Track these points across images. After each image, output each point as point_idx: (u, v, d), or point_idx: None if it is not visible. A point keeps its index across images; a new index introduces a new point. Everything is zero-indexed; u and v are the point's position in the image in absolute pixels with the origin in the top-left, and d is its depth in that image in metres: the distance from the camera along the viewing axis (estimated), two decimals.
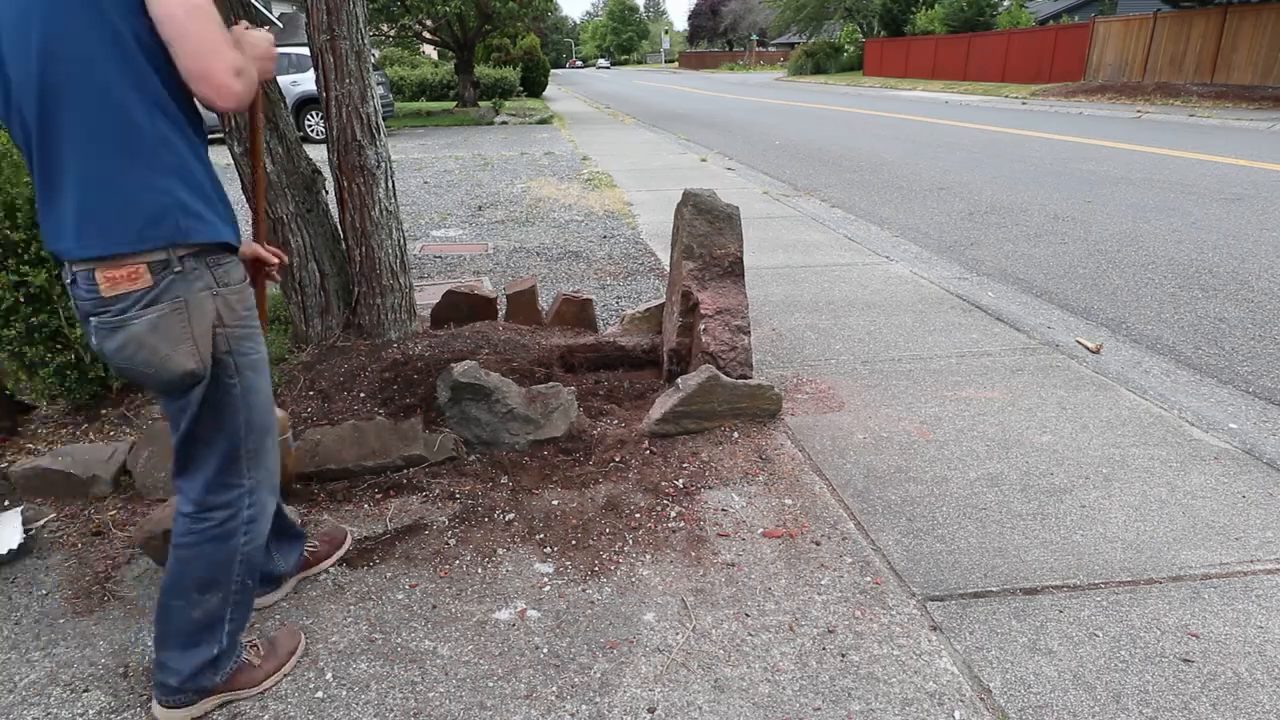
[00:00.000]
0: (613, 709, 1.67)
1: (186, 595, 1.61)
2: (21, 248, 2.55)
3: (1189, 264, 5.11)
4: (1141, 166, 9.00)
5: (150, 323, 1.42)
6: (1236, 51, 17.67)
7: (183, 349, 1.46)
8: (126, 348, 1.43)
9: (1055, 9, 32.96)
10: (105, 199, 1.38)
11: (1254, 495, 2.42)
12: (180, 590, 1.61)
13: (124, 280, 1.40)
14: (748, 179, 8.96)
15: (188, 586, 1.60)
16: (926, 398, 3.14)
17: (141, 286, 1.40)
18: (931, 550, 2.18)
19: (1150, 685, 1.71)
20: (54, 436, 2.76)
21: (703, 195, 3.04)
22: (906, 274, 4.93)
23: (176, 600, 1.61)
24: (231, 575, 1.64)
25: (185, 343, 1.46)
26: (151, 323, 1.42)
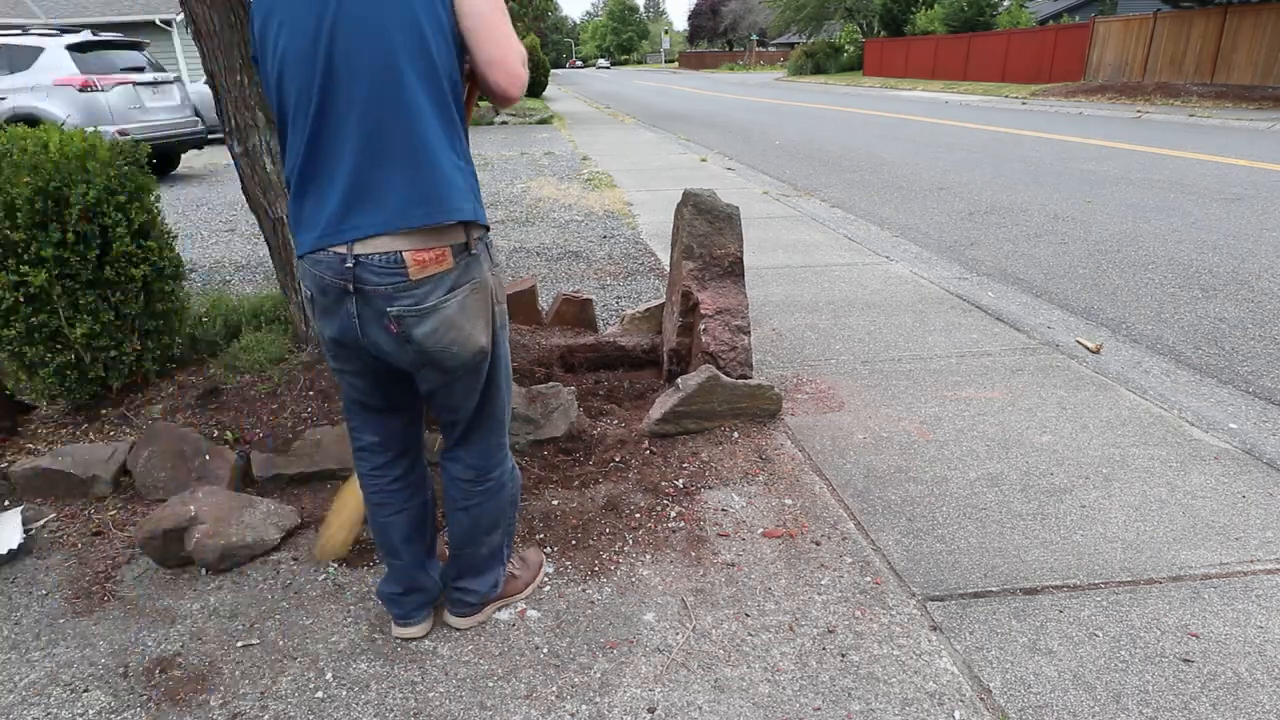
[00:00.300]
0: (613, 709, 1.67)
1: (477, 540, 1.81)
2: (21, 248, 2.55)
3: (1189, 264, 5.10)
4: (1141, 166, 9.00)
5: (459, 304, 1.49)
6: (1236, 51, 17.66)
7: (479, 327, 1.54)
8: (438, 330, 1.47)
9: (1055, 9, 32.96)
10: (430, 179, 1.42)
11: (1254, 495, 2.42)
12: (471, 539, 1.81)
13: (432, 263, 1.43)
14: (748, 179, 8.95)
15: (478, 534, 1.81)
16: (926, 398, 3.14)
17: (445, 269, 1.45)
18: (931, 550, 2.18)
19: (1150, 685, 1.71)
20: (54, 436, 2.76)
21: (703, 195, 3.04)
22: (906, 274, 4.93)
23: (469, 547, 1.82)
24: (508, 515, 1.86)
25: (481, 320, 1.54)
26: (460, 304, 1.49)
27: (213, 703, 1.70)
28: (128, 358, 2.82)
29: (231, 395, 2.85)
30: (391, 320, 1.44)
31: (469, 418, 1.68)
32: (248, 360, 3.06)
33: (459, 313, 1.49)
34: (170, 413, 2.78)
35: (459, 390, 1.61)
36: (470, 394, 1.63)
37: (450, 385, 1.59)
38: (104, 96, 8.90)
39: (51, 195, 2.55)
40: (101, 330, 2.70)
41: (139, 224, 2.76)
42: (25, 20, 14.84)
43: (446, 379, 1.57)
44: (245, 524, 2.20)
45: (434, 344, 1.48)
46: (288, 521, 2.29)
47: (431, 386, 1.60)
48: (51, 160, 2.57)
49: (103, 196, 2.63)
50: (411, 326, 1.45)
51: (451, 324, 1.48)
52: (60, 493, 2.48)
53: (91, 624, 1.96)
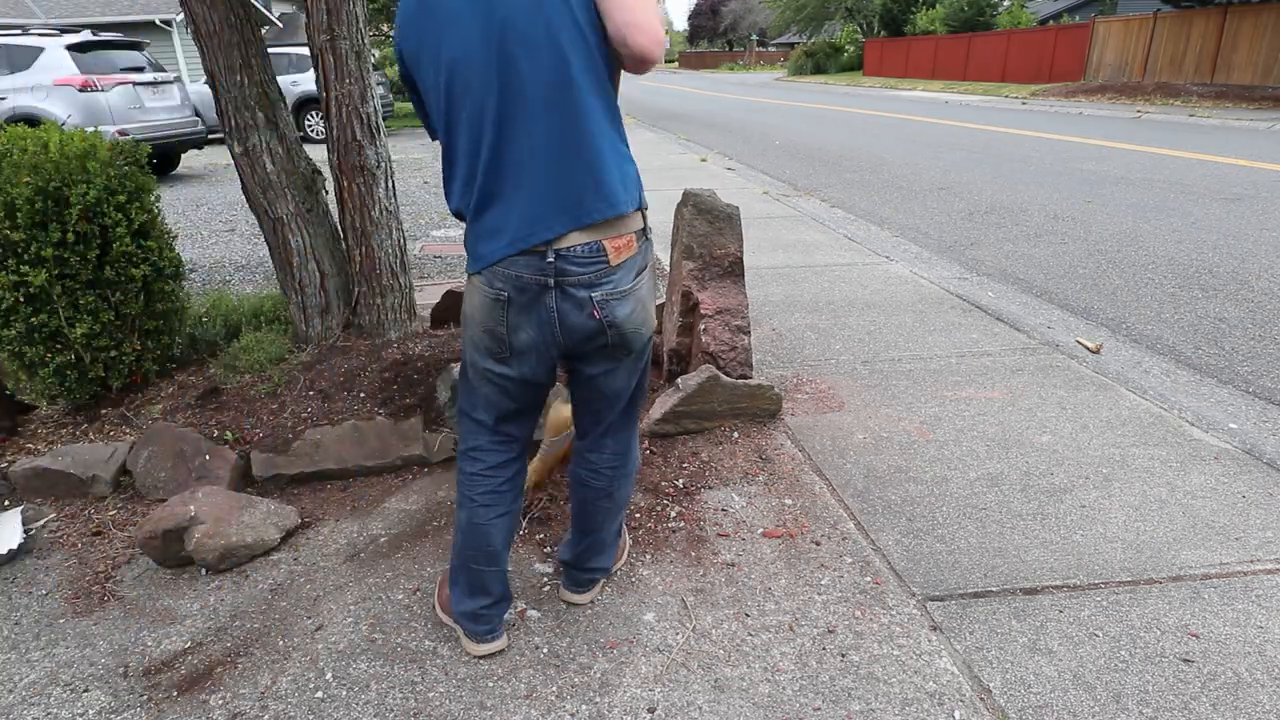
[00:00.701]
0: (613, 709, 1.67)
1: (614, 519, 1.91)
2: (21, 248, 2.55)
3: (1189, 264, 5.10)
4: (1141, 166, 9.00)
5: (647, 286, 1.62)
6: (1236, 51, 17.66)
7: (654, 308, 1.69)
8: (635, 312, 1.59)
9: (1055, 9, 32.95)
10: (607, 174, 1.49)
11: (1254, 495, 2.42)
12: (611, 519, 1.89)
13: (624, 249, 1.54)
14: (748, 179, 8.95)
15: (616, 514, 1.90)
16: (926, 398, 3.14)
17: (634, 254, 1.57)
18: (931, 550, 2.18)
19: (1150, 685, 1.71)
20: (54, 436, 2.76)
21: (703, 195, 3.04)
22: (906, 274, 4.93)
23: (606, 528, 1.89)
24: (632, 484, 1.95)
25: (654, 302, 1.68)
26: (647, 286, 1.62)
27: (213, 703, 1.70)
28: (128, 358, 2.82)
29: (231, 395, 2.85)
30: (595, 306, 1.53)
31: (625, 402, 1.76)
32: (248, 360, 3.06)
33: (647, 293, 1.62)
34: (170, 413, 2.78)
35: (628, 372, 1.70)
36: (634, 374, 1.73)
37: (628, 367, 1.69)
38: (104, 96, 8.91)
39: (51, 195, 2.55)
40: (101, 330, 2.70)
41: (139, 224, 2.76)
42: (25, 20, 14.84)
43: (627, 360, 1.67)
44: (245, 524, 2.20)
45: (631, 324, 1.59)
46: (288, 521, 2.29)
47: (609, 371, 1.67)
48: (51, 160, 2.57)
49: (103, 196, 2.63)
50: (614, 309, 1.55)
51: (643, 304, 1.61)
52: (60, 493, 2.48)
53: (91, 624, 1.96)
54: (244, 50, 2.81)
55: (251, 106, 2.86)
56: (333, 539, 2.28)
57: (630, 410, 1.81)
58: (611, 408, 1.76)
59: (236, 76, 2.81)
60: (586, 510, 1.88)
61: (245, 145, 2.88)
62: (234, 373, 3.02)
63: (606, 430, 1.80)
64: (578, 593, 1.98)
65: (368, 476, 2.59)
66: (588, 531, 1.90)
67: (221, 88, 2.84)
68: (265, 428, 2.68)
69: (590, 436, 1.83)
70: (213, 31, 2.75)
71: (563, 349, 1.60)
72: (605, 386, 1.70)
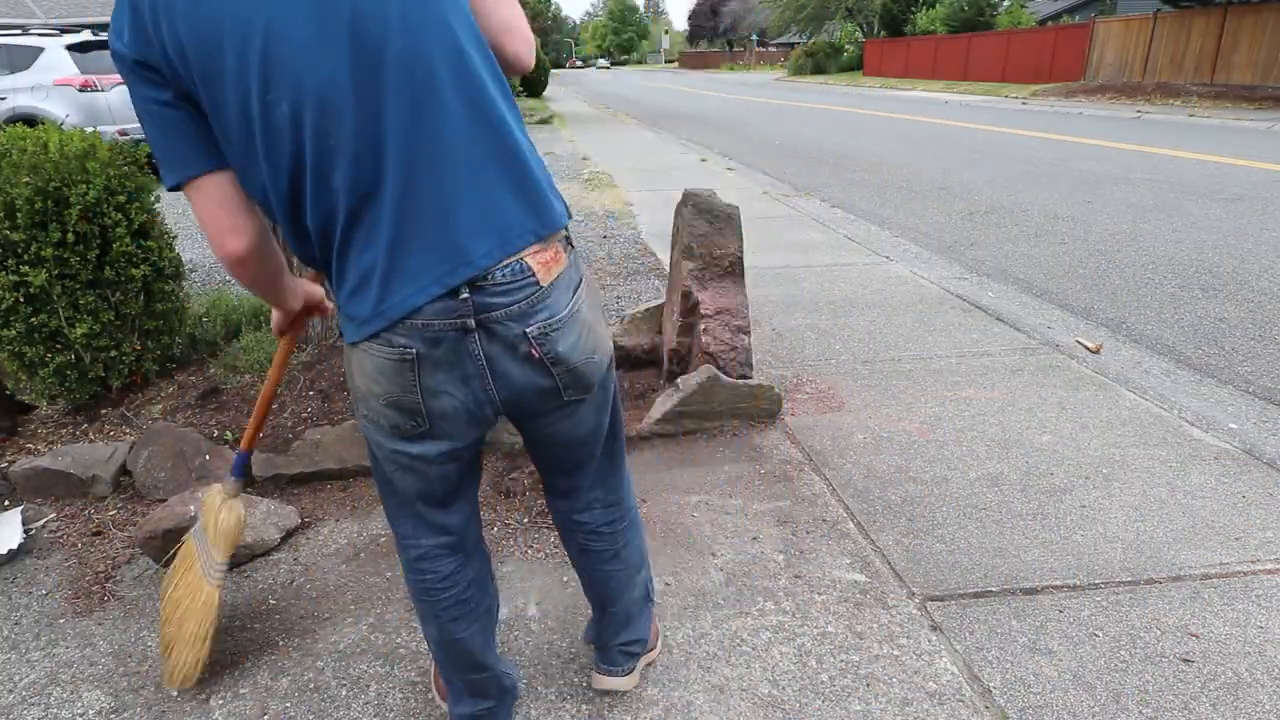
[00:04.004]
0: (613, 709, 1.67)
1: (632, 584, 1.63)
2: (22, 248, 2.55)
3: (1189, 264, 5.10)
4: (1141, 166, 9.00)
5: (587, 303, 1.30)
6: (1236, 51, 17.66)
7: (603, 326, 1.37)
8: (581, 338, 1.27)
9: (1055, 9, 32.95)
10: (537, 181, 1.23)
11: (1254, 495, 2.42)
12: (629, 584, 1.62)
13: (553, 262, 1.23)
14: (748, 179, 8.95)
15: (632, 576, 1.63)
16: (926, 398, 3.14)
17: (565, 266, 1.26)
18: (931, 550, 2.18)
19: (1150, 685, 1.71)
20: (54, 436, 2.76)
21: (703, 195, 3.04)
22: (906, 274, 4.93)
23: (626, 595, 1.63)
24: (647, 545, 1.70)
25: (602, 318, 1.37)
26: (588, 303, 1.30)
27: (212, 703, 1.70)
28: (128, 358, 2.82)
29: (231, 395, 2.85)
30: (533, 343, 1.22)
31: (601, 445, 1.47)
32: (248, 360, 3.06)
33: (590, 313, 1.31)
34: (170, 413, 2.78)
35: (593, 410, 1.39)
36: (603, 411, 1.43)
37: (588, 407, 1.37)
38: (104, 96, 8.91)
39: (51, 195, 2.55)
40: (101, 330, 2.70)
41: (139, 224, 2.76)
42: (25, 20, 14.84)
43: (586, 399, 1.35)
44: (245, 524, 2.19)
45: (580, 356, 1.28)
46: (288, 521, 2.29)
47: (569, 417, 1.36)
48: (51, 160, 2.57)
49: (103, 196, 2.63)
50: (556, 343, 1.24)
51: (589, 328, 1.30)
52: (60, 493, 2.48)
53: (91, 624, 1.96)
54: None
55: None
56: (333, 539, 2.28)
57: (612, 447, 1.51)
58: (590, 455, 1.46)
59: None
60: (595, 581, 1.61)
61: None
62: (234, 373, 3.03)
63: (592, 483, 1.51)
64: (614, 673, 1.67)
65: (368, 476, 2.59)
66: (605, 604, 1.64)
67: None
68: (265, 428, 2.68)
69: (574, 496, 1.52)
70: None
71: (500, 406, 1.27)
72: (572, 434, 1.39)
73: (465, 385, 1.23)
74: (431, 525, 1.41)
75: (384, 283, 1.15)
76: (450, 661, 1.51)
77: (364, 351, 1.21)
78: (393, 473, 1.34)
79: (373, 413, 1.27)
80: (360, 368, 1.24)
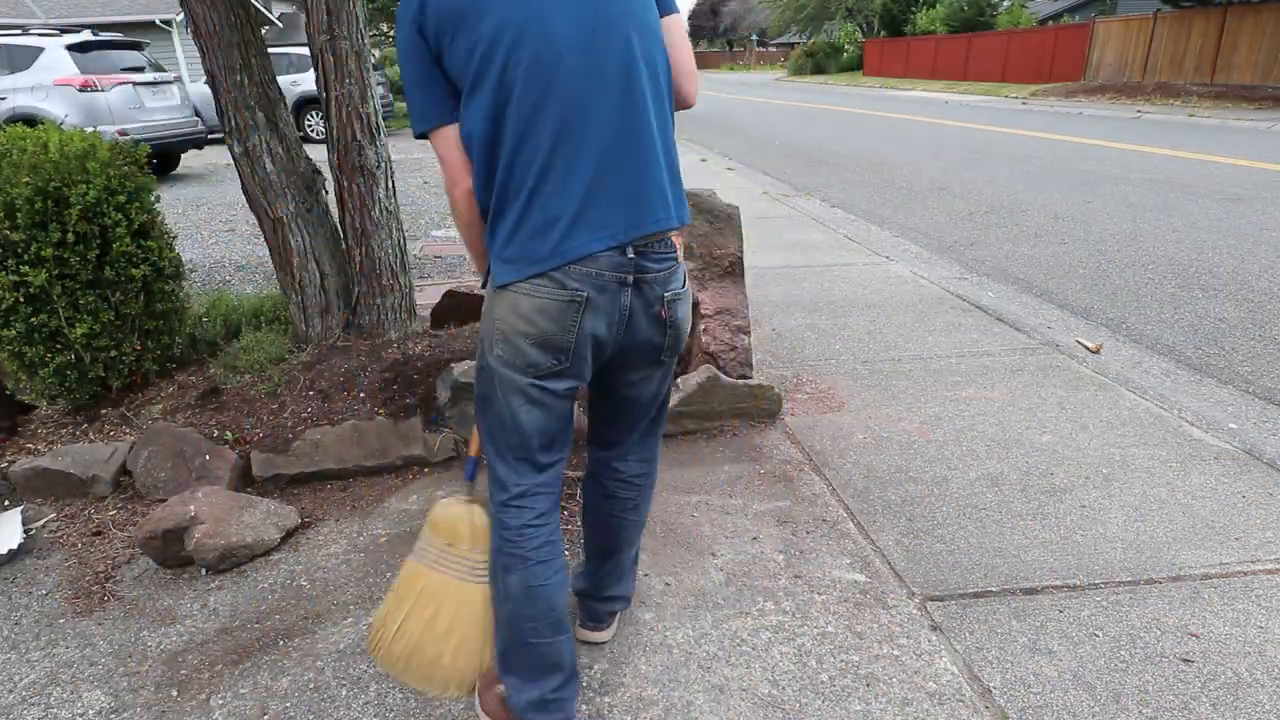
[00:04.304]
0: (613, 709, 1.67)
1: (636, 540, 1.82)
2: (22, 248, 2.55)
3: (1189, 264, 5.10)
4: (1141, 166, 9.00)
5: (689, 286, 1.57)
6: (1236, 51, 17.66)
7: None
8: (688, 312, 1.55)
9: (1055, 9, 32.94)
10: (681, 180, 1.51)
11: (1254, 495, 2.42)
12: (634, 539, 1.80)
13: (681, 246, 1.51)
14: (748, 179, 8.95)
15: (638, 533, 1.80)
16: (926, 398, 3.14)
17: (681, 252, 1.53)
18: (931, 550, 2.18)
19: (1150, 685, 1.71)
20: (54, 436, 2.76)
21: (702, 195, 3.04)
22: (906, 274, 4.93)
23: (628, 550, 1.80)
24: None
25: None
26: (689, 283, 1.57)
27: (213, 703, 1.70)
28: (128, 358, 2.82)
29: (231, 395, 2.85)
30: (664, 305, 1.47)
31: (658, 406, 1.68)
32: (248, 360, 3.06)
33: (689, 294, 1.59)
34: (170, 413, 2.78)
35: (664, 374, 1.63)
36: (669, 378, 1.67)
37: (666, 370, 1.62)
38: (104, 96, 8.91)
39: (51, 195, 2.55)
40: (101, 330, 2.70)
41: (139, 224, 2.76)
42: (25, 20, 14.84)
43: (668, 363, 1.60)
44: (245, 524, 2.20)
45: (684, 324, 1.54)
46: (288, 521, 2.29)
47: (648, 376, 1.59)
48: (51, 160, 2.57)
49: (102, 196, 2.63)
50: (675, 308, 1.49)
51: (689, 301, 1.56)
52: (60, 493, 2.48)
53: (91, 624, 1.96)
54: (244, 50, 2.81)
55: (251, 107, 2.85)
56: (333, 539, 2.28)
57: (662, 414, 1.72)
58: (646, 414, 1.67)
59: (236, 76, 2.81)
60: (610, 527, 1.75)
61: (245, 145, 2.88)
62: (234, 373, 3.02)
63: (639, 439, 1.70)
64: (598, 629, 1.85)
65: (368, 476, 2.59)
66: (610, 553, 1.77)
67: (221, 88, 2.84)
68: (265, 428, 2.68)
69: (619, 447, 1.70)
70: (213, 31, 2.75)
71: (612, 353, 1.49)
72: (643, 392, 1.61)
73: (608, 330, 1.43)
74: (537, 465, 1.52)
75: (570, 227, 1.36)
76: (531, 619, 1.50)
77: (523, 294, 1.38)
78: (520, 407, 1.46)
79: (512, 352, 1.42)
80: (514, 308, 1.40)
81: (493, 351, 1.45)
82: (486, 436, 1.54)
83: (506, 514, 1.52)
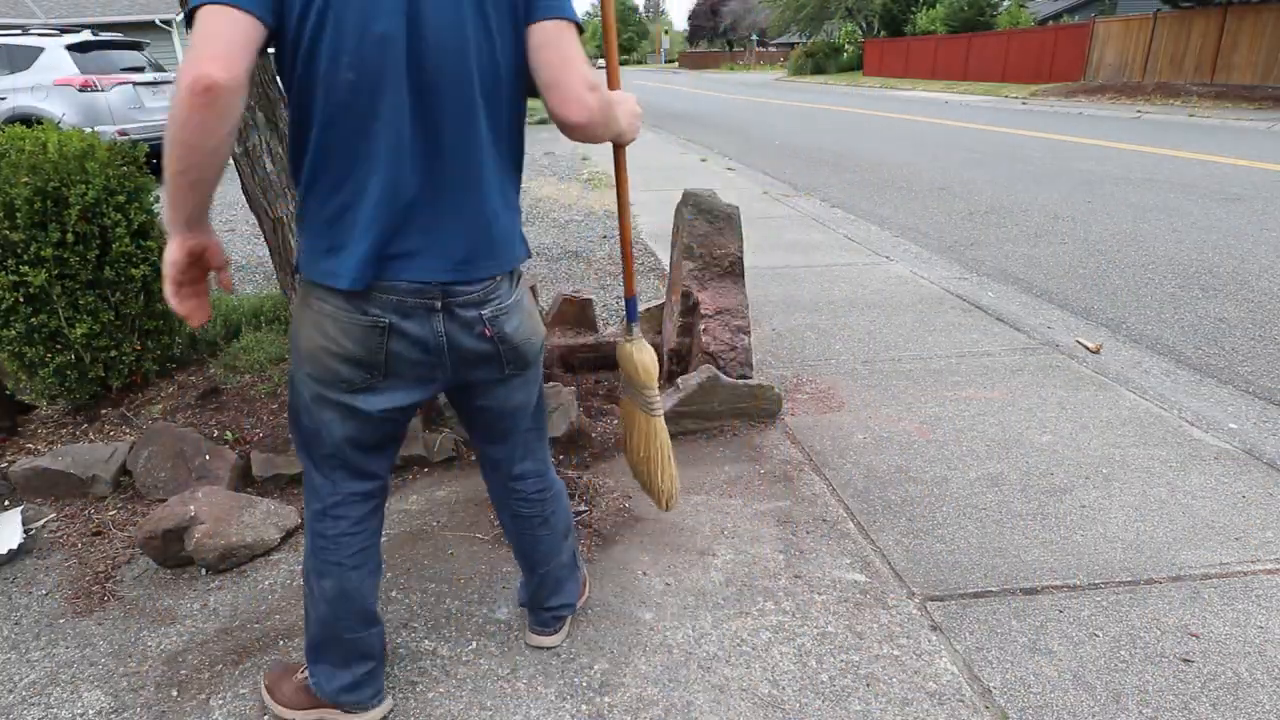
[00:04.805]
0: (613, 709, 1.67)
1: (561, 549, 1.79)
2: (21, 248, 2.55)
3: (1189, 264, 5.10)
4: (1141, 166, 9.00)
5: (528, 297, 1.54)
6: (1236, 51, 17.66)
7: (539, 318, 1.59)
8: (524, 322, 1.49)
9: (1055, 9, 32.94)
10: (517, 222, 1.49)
11: (1254, 495, 2.42)
12: (557, 549, 1.78)
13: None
14: (748, 179, 8.95)
15: (560, 542, 1.78)
16: (926, 398, 3.14)
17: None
18: (931, 550, 2.18)
19: (1150, 685, 1.71)
20: (54, 436, 2.76)
21: (703, 195, 3.04)
22: (906, 274, 4.93)
23: (555, 559, 1.78)
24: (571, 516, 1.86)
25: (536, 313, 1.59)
26: (524, 293, 1.52)
27: (213, 703, 1.70)
28: (128, 358, 2.82)
29: (231, 395, 2.85)
30: (486, 324, 1.41)
31: (529, 419, 1.65)
32: (248, 360, 3.06)
33: (529, 304, 1.53)
34: (170, 413, 2.78)
35: (527, 387, 1.59)
36: (533, 387, 1.63)
37: (524, 383, 1.57)
38: (104, 96, 8.91)
39: (51, 195, 2.55)
40: (101, 330, 2.71)
41: (138, 224, 2.76)
42: (25, 20, 14.85)
43: (524, 376, 1.56)
44: (245, 524, 2.20)
45: (521, 337, 1.48)
46: (288, 521, 2.29)
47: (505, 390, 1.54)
48: (50, 160, 2.57)
49: (102, 197, 2.64)
50: (501, 324, 1.43)
51: (529, 314, 1.52)
52: (60, 493, 2.48)
53: (91, 624, 1.96)
54: None
55: (251, 106, 2.85)
56: None
57: (539, 419, 1.70)
58: (518, 424, 1.62)
59: None
60: (525, 545, 1.76)
61: (245, 145, 2.88)
62: (234, 373, 3.03)
63: (525, 453, 1.68)
64: (544, 634, 1.84)
65: None
66: (536, 567, 1.78)
67: None
68: (265, 428, 2.68)
69: (505, 465, 1.68)
70: None
71: (450, 375, 1.44)
72: (505, 403, 1.56)
73: (426, 353, 1.38)
74: (359, 472, 1.51)
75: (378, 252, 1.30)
76: (342, 617, 1.55)
77: (327, 316, 1.34)
78: (333, 421, 1.43)
79: (321, 369, 1.38)
80: (318, 327, 1.36)
81: (302, 368, 1.42)
82: (301, 446, 1.51)
83: (322, 523, 1.52)
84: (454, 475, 2.57)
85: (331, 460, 1.48)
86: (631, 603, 1.99)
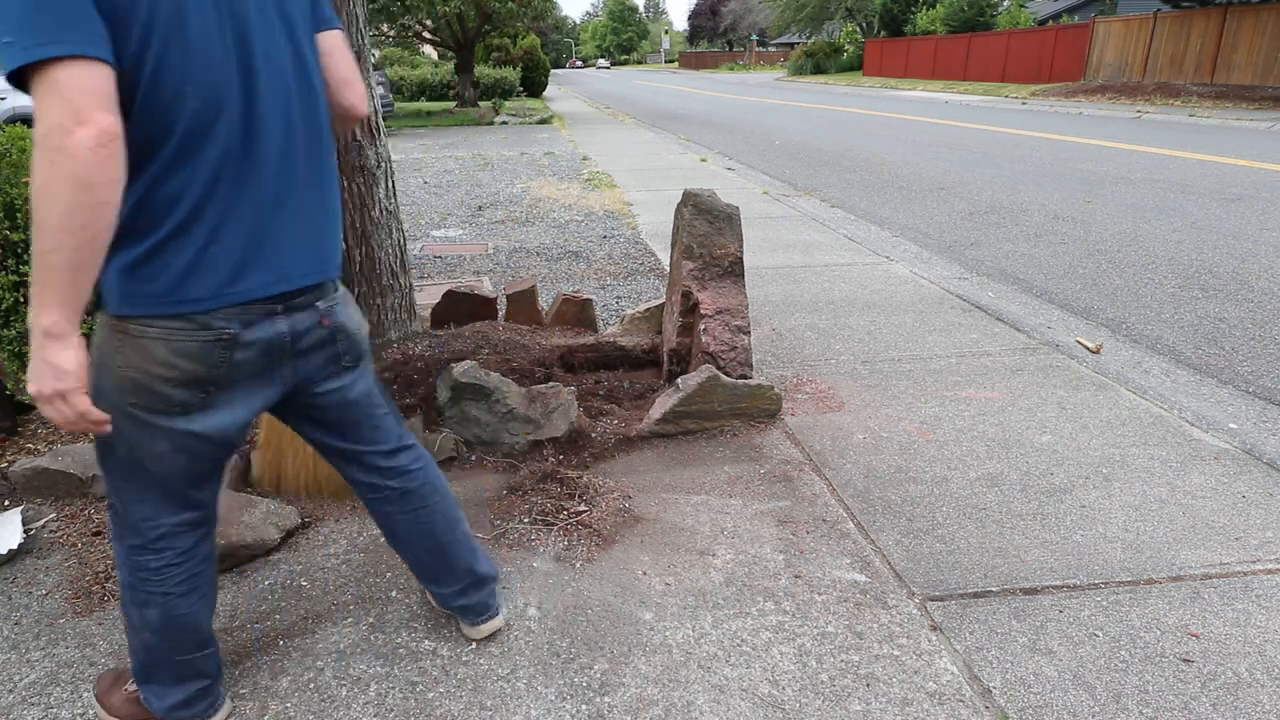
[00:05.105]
0: (613, 709, 1.67)
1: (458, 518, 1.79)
2: (21, 248, 2.55)
3: (1189, 264, 5.11)
4: (1141, 166, 9.00)
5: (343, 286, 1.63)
6: (1236, 51, 17.68)
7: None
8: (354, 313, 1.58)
9: (1055, 9, 32.95)
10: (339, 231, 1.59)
11: (1254, 495, 2.42)
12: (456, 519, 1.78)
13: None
14: (748, 179, 8.96)
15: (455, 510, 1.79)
16: (926, 398, 3.14)
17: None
18: (931, 550, 2.18)
19: (1150, 685, 1.71)
20: (54, 436, 2.76)
21: (703, 195, 3.04)
22: (906, 274, 4.93)
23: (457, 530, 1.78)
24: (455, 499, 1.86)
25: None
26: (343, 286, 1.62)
27: None
28: None
29: None
30: (324, 315, 1.47)
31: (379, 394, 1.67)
32: None
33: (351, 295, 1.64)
34: None
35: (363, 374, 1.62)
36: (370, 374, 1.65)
37: (364, 370, 1.62)
38: None
39: None
40: None
41: None
42: None
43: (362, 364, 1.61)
44: (245, 524, 2.20)
45: (352, 323, 1.55)
46: (288, 521, 2.29)
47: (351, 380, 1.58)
48: None
49: None
50: (336, 314, 1.50)
51: (355, 305, 1.60)
52: (60, 493, 2.48)
53: (91, 624, 1.96)
54: None
55: None
56: (333, 539, 2.28)
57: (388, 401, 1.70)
58: (374, 405, 1.64)
59: None
60: (432, 522, 1.73)
61: None
62: None
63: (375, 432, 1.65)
64: (476, 624, 1.83)
65: None
66: (438, 550, 1.75)
67: None
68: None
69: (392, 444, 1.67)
70: None
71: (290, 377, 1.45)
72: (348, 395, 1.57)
73: (266, 355, 1.39)
74: (186, 502, 1.46)
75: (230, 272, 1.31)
76: (173, 644, 1.51)
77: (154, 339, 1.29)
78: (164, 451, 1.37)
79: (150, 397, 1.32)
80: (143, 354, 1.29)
81: (123, 401, 1.32)
82: (115, 482, 1.43)
83: (144, 556, 1.46)
84: (454, 475, 2.57)
85: (155, 492, 1.42)
86: (631, 603, 1.99)
